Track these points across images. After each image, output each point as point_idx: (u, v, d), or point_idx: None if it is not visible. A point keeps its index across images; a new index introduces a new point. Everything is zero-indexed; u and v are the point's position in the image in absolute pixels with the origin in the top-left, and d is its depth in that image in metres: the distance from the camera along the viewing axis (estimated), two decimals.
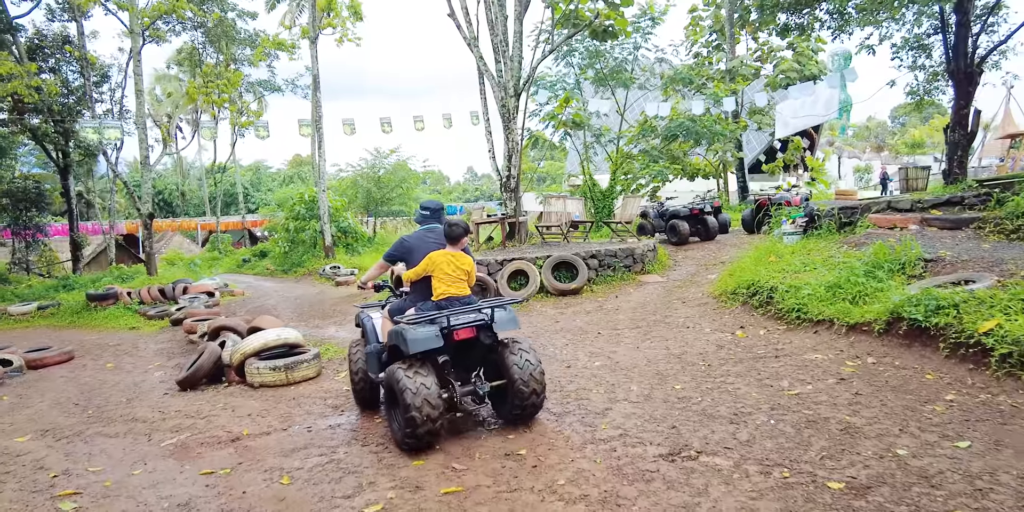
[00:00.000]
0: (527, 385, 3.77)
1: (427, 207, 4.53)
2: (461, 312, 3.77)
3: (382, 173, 25.97)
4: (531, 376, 3.79)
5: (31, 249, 22.77)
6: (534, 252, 10.08)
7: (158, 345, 9.67)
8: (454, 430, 3.99)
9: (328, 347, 7.11)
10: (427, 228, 4.35)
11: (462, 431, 3.98)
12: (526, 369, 3.79)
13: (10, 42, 20.04)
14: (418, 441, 3.56)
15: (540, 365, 3.89)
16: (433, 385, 3.58)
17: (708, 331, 6.14)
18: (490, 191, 70.09)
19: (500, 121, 11.03)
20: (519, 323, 4.01)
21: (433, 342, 3.59)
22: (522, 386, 3.76)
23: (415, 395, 3.48)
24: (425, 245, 4.15)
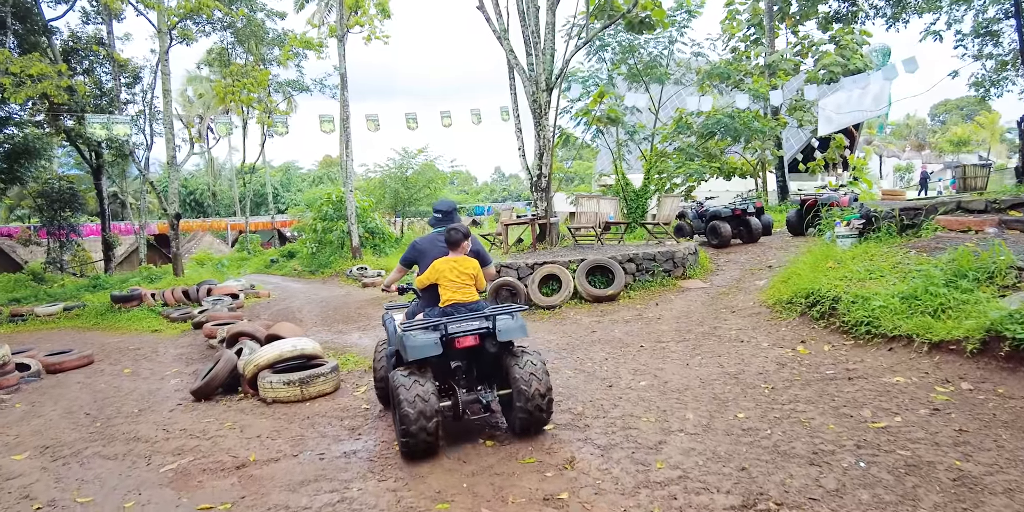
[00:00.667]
0: (531, 396, 3.64)
1: (439, 210, 4.38)
2: (464, 319, 3.71)
3: (410, 173, 25.67)
4: (536, 387, 3.65)
5: (65, 249, 23.04)
6: (567, 255, 9.53)
7: (178, 350, 9.39)
8: (482, 465, 3.48)
9: (349, 357, 6.66)
10: (439, 231, 4.19)
11: (492, 466, 3.47)
12: (531, 380, 3.66)
13: (45, 44, 20.27)
14: (413, 447, 3.52)
15: (547, 376, 3.74)
16: (429, 393, 3.52)
17: (765, 346, 5.51)
18: (518, 191, 69.64)
19: (531, 117, 10.50)
20: (527, 331, 3.89)
21: (431, 350, 3.57)
22: (526, 396, 3.64)
23: (410, 403, 3.45)
24: (435, 249, 4.07)
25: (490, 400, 3.77)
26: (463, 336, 3.63)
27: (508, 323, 3.76)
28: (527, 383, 3.64)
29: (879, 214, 8.63)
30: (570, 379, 5.07)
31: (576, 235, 11.00)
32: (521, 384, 3.65)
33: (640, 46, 18.85)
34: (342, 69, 20.47)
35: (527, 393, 3.63)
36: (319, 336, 8.97)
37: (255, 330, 7.78)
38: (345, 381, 5.68)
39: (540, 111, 10.32)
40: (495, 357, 3.85)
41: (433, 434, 3.51)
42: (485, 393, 3.78)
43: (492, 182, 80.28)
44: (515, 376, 3.69)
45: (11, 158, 19.90)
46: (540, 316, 8.19)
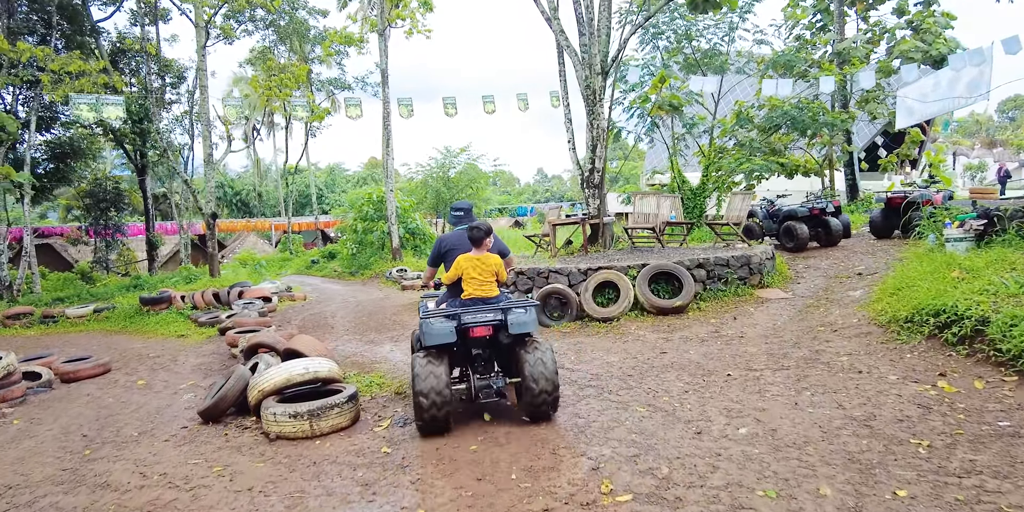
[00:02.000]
0: (537, 384, 3.87)
1: (459, 208, 4.75)
2: (479, 311, 4.00)
3: (452, 174, 24.88)
4: (542, 376, 3.88)
5: (111, 248, 23.15)
6: (624, 259, 8.41)
7: (198, 359, 8.70)
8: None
9: (374, 378, 5.72)
10: (463, 228, 4.48)
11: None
12: (537, 368, 3.88)
13: (92, 45, 20.32)
14: (426, 424, 3.85)
15: (556, 374, 3.96)
16: (443, 375, 3.82)
17: (893, 380, 4.30)
18: (560, 192, 68.47)
19: (583, 105, 9.43)
20: (536, 325, 4.13)
21: (447, 337, 3.87)
22: (532, 384, 3.88)
23: (424, 381, 3.76)
24: (462, 244, 4.35)
25: (501, 386, 4.08)
26: (476, 326, 3.96)
27: (520, 317, 3.99)
28: (535, 380, 3.88)
29: (1004, 213, 7.22)
30: (643, 420, 3.98)
31: (634, 237, 9.87)
32: (530, 380, 3.89)
33: (698, 34, 17.54)
34: (383, 65, 19.82)
35: (534, 390, 3.89)
36: (348, 347, 8.12)
37: (276, 342, 6.96)
38: (366, 410, 4.73)
39: (594, 98, 9.23)
40: (509, 347, 4.16)
41: (444, 412, 3.82)
42: (497, 379, 4.08)
43: (535, 183, 79.35)
44: (525, 372, 3.91)
45: (58, 158, 19.99)
46: (595, 330, 7.11)
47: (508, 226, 35.18)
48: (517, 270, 8.15)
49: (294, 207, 48.53)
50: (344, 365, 6.82)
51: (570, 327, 7.34)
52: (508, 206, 44.58)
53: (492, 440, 3.83)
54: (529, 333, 4.06)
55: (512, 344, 4.11)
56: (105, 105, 7.69)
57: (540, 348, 4.02)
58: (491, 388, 4.04)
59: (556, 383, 3.93)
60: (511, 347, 4.14)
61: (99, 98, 7.79)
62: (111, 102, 7.80)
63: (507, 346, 4.14)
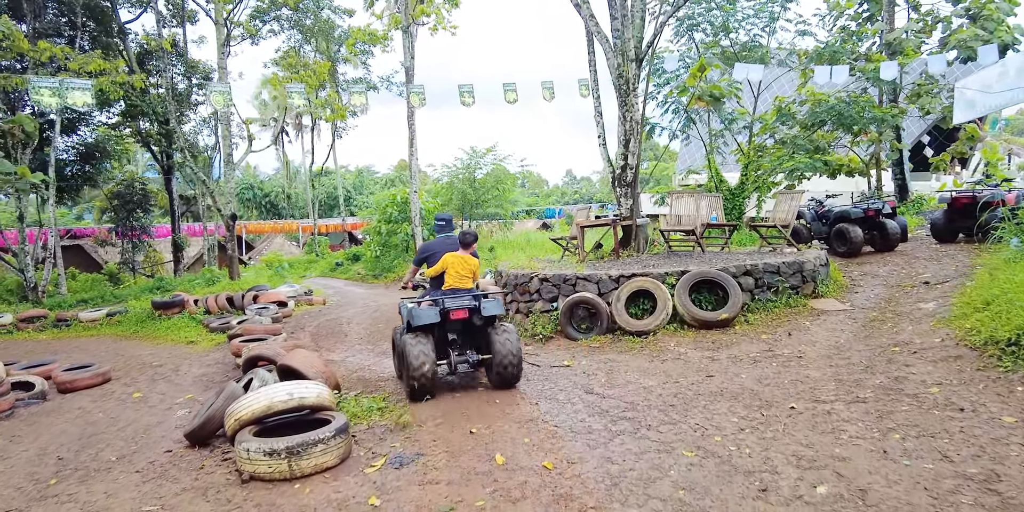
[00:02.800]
0: (504, 358, 4.80)
1: (442, 219, 5.82)
2: (458, 298, 4.89)
3: (479, 175, 24.21)
4: (508, 352, 4.80)
5: (137, 250, 23.12)
6: (661, 265, 7.60)
7: (201, 369, 8.18)
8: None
9: (377, 400, 5.03)
10: (444, 235, 5.58)
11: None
12: (505, 345, 4.81)
13: (120, 46, 20.28)
14: (417, 389, 4.70)
15: (518, 343, 4.85)
16: (429, 350, 4.71)
17: (1010, 422, 3.43)
18: (590, 193, 67.44)
19: (614, 97, 8.65)
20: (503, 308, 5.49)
21: (432, 319, 4.76)
22: (500, 359, 4.80)
23: (415, 356, 4.65)
24: (443, 248, 5.32)
25: (474, 360, 4.92)
26: (456, 310, 4.75)
27: (490, 303, 4.91)
28: (503, 354, 4.75)
29: None
30: (692, 470, 3.21)
31: (669, 240, 9.03)
32: (499, 355, 4.75)
33: (736, 25, 16.56)
34: (408, 63, 19.31)
35: (502, 362, 4.75)
36: (357, 358, 7.49)
37: (275, 355, 6.36)
38: (360, 443, 4.05)
39: (627, 87, 8.44)
40: (481, 329, 4.97)
41: (430, 379, 4.63)
42: (471, 355, 4.93)
43: (563, 185, 78.48)
44: (495, 347, 4.78)
45: (83, 159, 19.97)
46: (629, 345, 6.32)
47: (535, 228, 34.39)
48: (541, 277, 7.41)
49: (323, 209, 48.64)
50: (348, 381, 6.18)
51: (600, 341, 6.58)
52: (536, 208, 43.83)
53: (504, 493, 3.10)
54: (496, 316, 4.96)
55: (483, 326, 4.99)
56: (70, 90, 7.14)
57: (507, 330, 4.93)
58: (467, 362, 4.97)
59: (520, 357, 4.85)
60: (483, 329, 5.00)
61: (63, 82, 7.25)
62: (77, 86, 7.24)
63: (479, 328, 5.00)
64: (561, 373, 5.50)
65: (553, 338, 6.94)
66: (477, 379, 5.50)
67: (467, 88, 9.10)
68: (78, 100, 7.10)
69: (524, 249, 22.16)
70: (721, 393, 4.52)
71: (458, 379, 5.54)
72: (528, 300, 7.57)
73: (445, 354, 5.05)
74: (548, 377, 5.39)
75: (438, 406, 4.71)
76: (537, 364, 5.91)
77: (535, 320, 7.28)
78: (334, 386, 5.30)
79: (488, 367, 5.04)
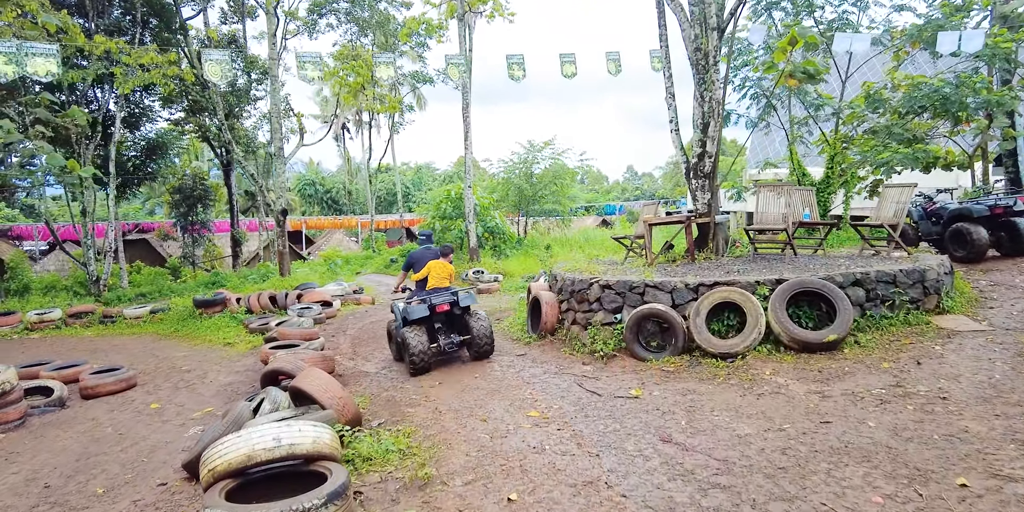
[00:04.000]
0: (480, 339, 6.35)
1: (424, 234, 7.52)
2: (440, 295, 6.37)
3: (537, 170, 23.15)
4: (482, 333, 6.35)
5: (197, 244, 23.36)
6: (748, 271, 6.38)
7: (229, 377, 7.55)
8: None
9: (399, 439, 4.09)
10: (424, 246, 7.16)
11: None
12: (480, 329, 6.36)
13: (181, 42, 20.39)
14: (417, 367, 6.08)
15: (489, 325, 6.45)
16: (424, 339, 6.13)
17: None
18: (651, 190, 65.25)
19: (692, 74, 7.44)
20: (476, 299, 6.59)
21: (423, 313, 6.19)
22: (477, 339, 6.35)
23: (414, 345, 6.03)
24: (425, 257, 6.90)
25: (457, 341, 6.41)
26: (441, 304, 6.28)
27: (465, 296, 6.47)
28: (479, 334, 6.35)
29: None
30: None
31: (755, 241, 7.73)
32: (476, 336, 6.35)
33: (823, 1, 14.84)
34: (463, 53, 18.53)
35: (479, 342, 6.36)
36: (391, 374, 6.62)
37: (296, 369, 5.60)
38: (366, 505, 3.12)
39: (705, 62, 7.22)
40: (460, 317, 6.53)
41: (427, 360, 6.12)
42: (455, 338, 6.43)
43: (624, 181, 76.45)
44: (473, 331, 6.37)
45: (145, 154, 20.22)
46: (711, 370, 5.16)
47: (595, 225, 33.02)
48: (602, 283, 6.33)
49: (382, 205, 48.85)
50: (376, 402, 5.31)
51: (674, 364, 5.45)
52: (595, 204, 42.39)
53: None
54: (470, 306, 6.38)
55: (462, 314, 6.42)
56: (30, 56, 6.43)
57: (480, 316, 6.42)
58: (452, 343, 6.32)
59: (492, 337, 6.39)
60: (461, 317, 6.44)
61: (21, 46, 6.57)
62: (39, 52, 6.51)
63: (459, 316, 6.44)
64: (628, 407, 4.43)
65: (616, 357, 5.86)
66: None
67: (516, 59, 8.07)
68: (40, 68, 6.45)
69: (582, 248, 20.99)
70: (846, 450, 3.34)
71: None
72: (587, 310, 6.50)
73: (435, 339, 6.43)
74: (612, 413, 4.33)
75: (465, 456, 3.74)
76: (597, 392, 4.86)
77: (594, 334, 6.21)
78: (351, 417, 4.43)
79: (468, 345, 6.46)
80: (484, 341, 6.31)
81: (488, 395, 5.12)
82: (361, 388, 5.95)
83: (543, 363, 6.07)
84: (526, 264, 17.67)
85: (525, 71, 8.11)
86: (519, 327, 7.93)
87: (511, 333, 7.87)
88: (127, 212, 38.88)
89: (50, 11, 12.15)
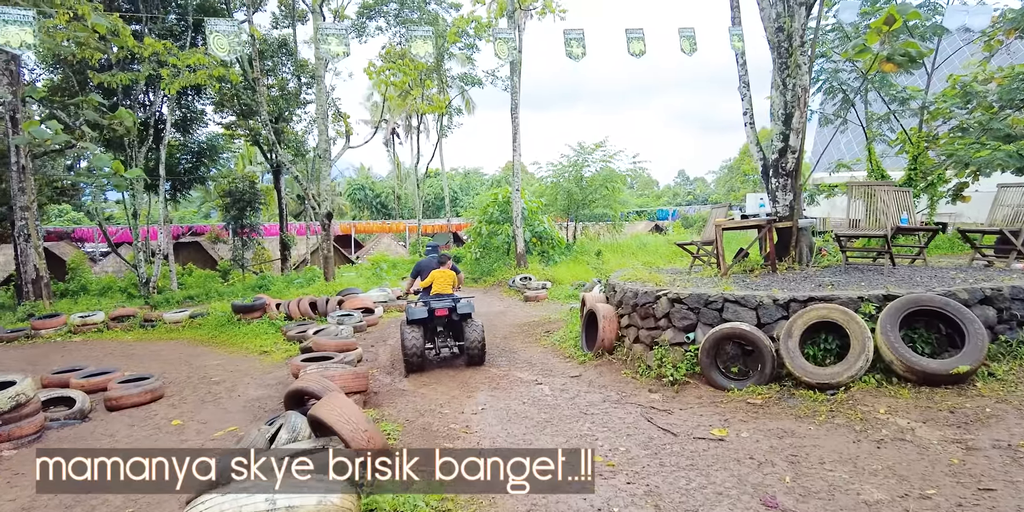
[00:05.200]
0: (473, 345, 6.67)
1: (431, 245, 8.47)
2: (440, 301, 6.81)
3: (588, 174, 22.25)
4: (476, 340, 6.66)
5: (247, 247, 23.49)
6: (843, 284, 5.42)
7: (259, 390, 7.03)
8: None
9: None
10: (431, 256, 7.59)
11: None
12: (473, 336, 6.67)
13: None
14: (410, 364, 6.62)
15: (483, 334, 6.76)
16: (420, 337, 6.62)
17: None
18: (704, 195, 63.19)
19: (771, 58, 6.53)
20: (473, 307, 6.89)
21: (423, 315, 6.64)
22: (470, 344, 6.69)
23: (409, 341, 6.53)
24: (430, 265, 7.34)
25: (452, 346, 6.95)
26: (440, 308, 6.66)
27: (464, 304, 6.79)
28: (472, 340, 6.67)
29: None
30: None
31: (847, 249, 6.70)
32: (469, 342, 6.69)
33: None
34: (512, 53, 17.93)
35: (472, 348, 6.68)
36: (438, 390, 5.94)
37: (323, 390, 4.98)
38: None
39: (789, 44, 6.30)
40: (458, 323, 6.88)
41: (420, 357, 6.60)
42: (451, 342, 6.95)
43: (675, 185, 74.52)
44: (466, 336, 6.72)
45: (196, 157, 20.40)
46: (809, 405, 4.26)
47: (647, 230, 31.78)
48: (672, 296, 5.48)
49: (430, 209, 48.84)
50: (408, 433, 4.62)
51: (762, 395, 4.56)
52: (647, 209, 41.05)
53: None
54: (468, 314, 6.80)
55: (459, 321, 6.86)
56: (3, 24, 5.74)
57: (475, 324, 6.85)
58: (448, 347, 6.98)
59: (483, 343, 6.75)
60: (459, 323, 6.89)
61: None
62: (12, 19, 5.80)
63: (457, 323, 6.91)
64: (713, 453, 3.60)
65: (689, 384, 5.01)
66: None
67: (575, 34, 7.29)
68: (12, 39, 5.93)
69: (636, 254, 19.98)
70: None
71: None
72: (652, 327, 5.65)
73: (432, 341, 6.94)
74: (693, 461, 3.50)
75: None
76: (671, 430, 4.03)
77: (662, 355, 5.36)
78: (379, 449, 3.75)
79: (462, 350, 6.89)
80: (475, 348, 6.65)
81: (539, 428, 4.36)
82: (395, 411, 5.28)
83: (601, 388, 5.27)
84: (575, 271, 16.85)
85: (585, 49, 7.34)
86: (572, 343, 7.14)
87: (563, 349, 7.09)
88: (184, 215, 39.96)
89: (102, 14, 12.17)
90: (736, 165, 54.56)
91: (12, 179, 11.80)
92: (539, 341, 8.09)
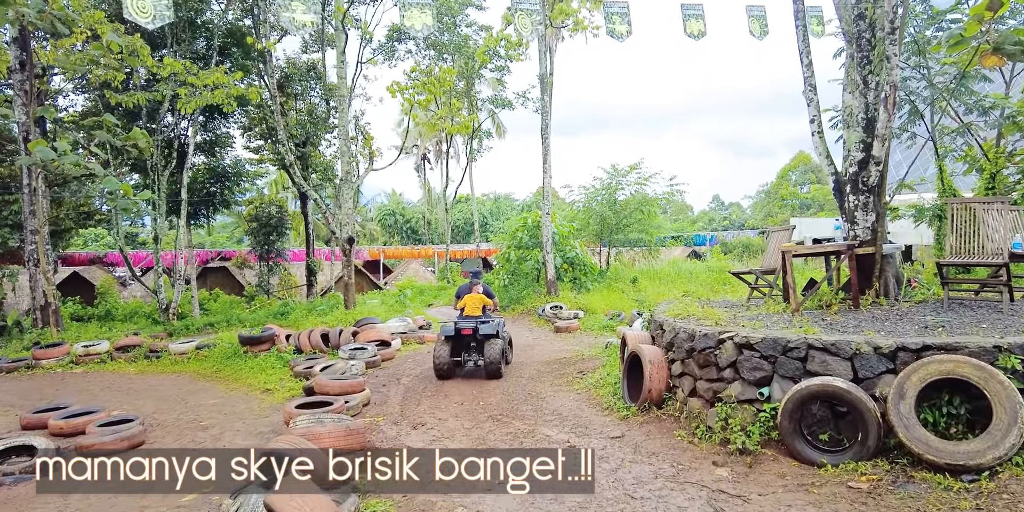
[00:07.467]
0: (490, 361, 7.67)
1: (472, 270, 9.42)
2: (466, 321, 7.97)
3: (622, 197, 21.23)
4: (493, 357, 7.65)
5: (272, 273, 23.05)
6: (955, 325, 4.28)
7: (248, 439, 6.12)
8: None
9: None
10: (472, 282, 8.62)
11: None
12: (491, 353, 7.67)
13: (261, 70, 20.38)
14: (439, 372, 7.82)
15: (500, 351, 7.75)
16: (447, 350, 7.89)
17: None
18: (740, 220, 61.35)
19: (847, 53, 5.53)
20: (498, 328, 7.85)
21: (450, 332, 7.92)
22: (487, 361, 7.71)
23: (438, 354, 7.84)
24: (466, 289, 8.55)
25: (476, 360, 8.10)
26: (464, 328, 7.84)
27: (485, 326, 7.79)
28: (490, 358, 7.66)
29: None
30: None
31: (949, 280, 5.53)
32: (488, 358, 7.69)
33: None
34: (543, 71, 17.26)
35: (490, 362, 7.68)
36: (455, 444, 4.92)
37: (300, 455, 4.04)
38: None
39: (871, 34, 5.30)
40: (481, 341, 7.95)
41: (448, 367, 7.83)
42: (475, 358, 8.09)
43: (710, 210, 72.82)
44: (486, 353, 7.73)
45: (218, 180, 20.13)
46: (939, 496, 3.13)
47: (684, 256, 30.37)
48: (739, 340, 4.38)
49: (460, 234, 48.35)
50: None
51: (867, 476, 3.43)
52: (683, 234, 39.61)
53: None
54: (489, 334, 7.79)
55: (483, 339, 7.92)
56: None
57: (495, 343, 7.79)
58: (472, 360, 8.17)
59: (499, 360, 7.72)
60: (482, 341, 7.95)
61: None
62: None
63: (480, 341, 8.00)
64: None
65: (766, 455, 3.90)
66: None
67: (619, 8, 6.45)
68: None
69: (674, 282, 18.70)
70: None
71: None
72: (714, 378, 4.53)
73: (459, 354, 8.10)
74: None
75: None
76: None
77: (727, 414, 4.25)
78: None
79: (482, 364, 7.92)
80: (492, 364, 7.65)
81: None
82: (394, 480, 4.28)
83: (651, 456, 4.18)
84: (610, 299, 15.73)
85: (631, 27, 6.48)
86: (610, 390, 6.06)
87: (599, 398, 6.01)
88: (216, 240, 40.17)
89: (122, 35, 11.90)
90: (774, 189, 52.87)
91: (24, 202, 11.42)
92: (571, 384, 7.03)
